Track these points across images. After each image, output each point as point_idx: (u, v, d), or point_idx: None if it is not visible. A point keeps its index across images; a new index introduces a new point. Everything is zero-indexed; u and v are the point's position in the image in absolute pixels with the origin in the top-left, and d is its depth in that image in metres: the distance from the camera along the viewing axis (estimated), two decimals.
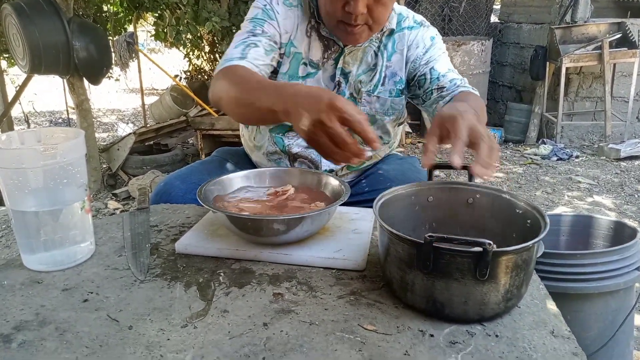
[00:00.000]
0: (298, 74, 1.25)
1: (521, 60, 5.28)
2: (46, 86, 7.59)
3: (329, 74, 1.26)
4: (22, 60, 3.37)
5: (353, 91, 1.26)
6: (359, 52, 1.25)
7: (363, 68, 1.26)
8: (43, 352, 0.66)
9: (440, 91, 1.21)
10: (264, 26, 1.19)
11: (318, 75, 1.25)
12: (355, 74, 1.25)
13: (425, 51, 1.26)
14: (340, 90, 1.25)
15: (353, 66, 1.25)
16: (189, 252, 0.94)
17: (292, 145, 1.28)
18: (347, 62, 1.25)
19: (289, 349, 0.66)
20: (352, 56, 1.25)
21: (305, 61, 1.24)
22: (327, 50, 1.25)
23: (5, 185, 0.82)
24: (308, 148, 1.26)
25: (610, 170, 3.98)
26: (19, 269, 0.89)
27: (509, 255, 0.68)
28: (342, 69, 1.25)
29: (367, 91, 1.25)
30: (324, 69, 1.25)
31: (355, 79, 1.25)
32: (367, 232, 0.99)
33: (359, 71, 1.26)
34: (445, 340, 0.68)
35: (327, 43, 1.24)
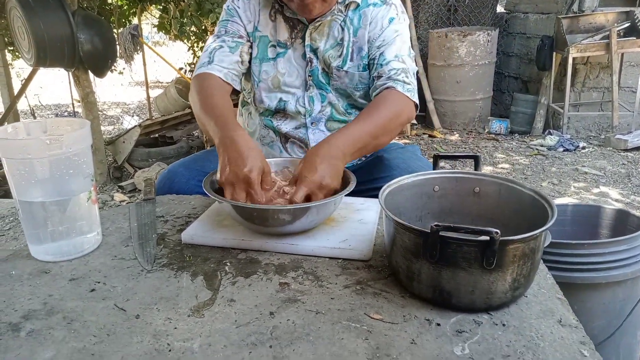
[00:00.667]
0: (268, 56, 1.30)
1: (527, 50, 5.23)
2: (52, 79, 7.60)
3: (299, 53, 1.29)
4: (28, 53, 3.37)
5: (324, 66, 1.29)
6: (324, 26, 1.27)
7: (330, 42, 1.28)
8: (51, 341, 0.67)
9: (377, 79, 1.23)
10: (227, 26, 1.29)
11: (288, 55, 1.29)
12: (323, 49, 1.28)
13: (381, 32, 1.26)
14: (312, 67, 1.28)
15: (320, 42, 1.28)
16: (195, 242, 0.94)
17: (281, 126, 1.32)
18: (314, 38, 1.28)
19: (295, 338, 0.67)
20: (318, 32, 1.28)
21: (274, 43, 1.30)
22: (293, 29, 1.29)
23: (12, 176, 0.83)
24: (296, 128, 1.31)
25: (617, 161, 3.94)
26: (27, 259, 0.89)
27: (516, 244, 0.67)
28: (311, 46, 1.28)
29: (337, 66, 1.28)
30: (294, 48, 1.29)
31: (323, 54, 1.28)
32: (372, 222, 0.99)
33: (327, 46, 1.28)
34: (451, 329, 0.68)
35: (292, 23, 1.29)
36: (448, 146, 4.54)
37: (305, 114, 1.30)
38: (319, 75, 1.29)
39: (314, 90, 1.30)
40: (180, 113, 4.80)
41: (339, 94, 1.31)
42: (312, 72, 1.29)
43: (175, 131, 4.57)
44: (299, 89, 1.30)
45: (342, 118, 1.31)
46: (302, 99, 1.30)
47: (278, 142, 1.34)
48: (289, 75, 1.29)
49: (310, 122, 1.30)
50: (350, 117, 1.30)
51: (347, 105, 1.32)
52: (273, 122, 1.33)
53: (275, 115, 1.33)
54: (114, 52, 3.85)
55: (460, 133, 4.94)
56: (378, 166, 1.30)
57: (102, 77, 3.95)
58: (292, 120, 1.32)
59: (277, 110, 1.32)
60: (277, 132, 1.33)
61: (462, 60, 4.87)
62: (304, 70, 1.29)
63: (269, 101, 1.31)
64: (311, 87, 1.30)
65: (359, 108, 1.32)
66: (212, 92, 1.19)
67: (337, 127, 1.29)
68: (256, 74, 1.31)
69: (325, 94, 1.30)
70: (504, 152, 4.27)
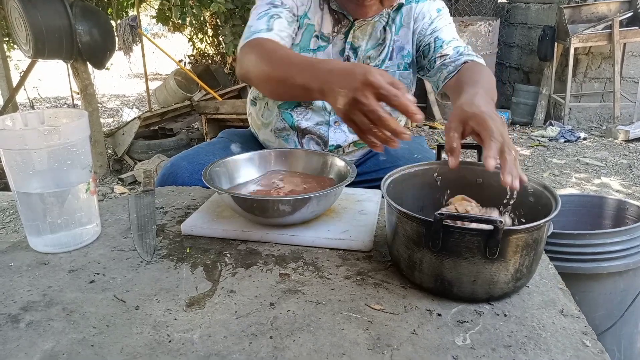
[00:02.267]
0: (309, 47, 1.24)
1: (529, 41, 5.19)
2: (51, 71, 7.57)
3: (338, 49, 1.25)
4: (26, 45, 3.35)
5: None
6: (369, 26, 1.24)
7: (372, 43, 1.25)
8: (50, 332, 0.66)
9: (443, 59, 1.17)
10: None
11: (328, 49, 1.25)
12: (364, 49, 1.24)
13: (431, 22, 1.24)
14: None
15: (362, 41, 1.25)
16: (195, 234, 0.94)
17: (301, 121, 1.28)
18: (356, 37, 1.24)
19: (296, 329, 0.66)
20: (362, 31, 1.24)
21: (317, 34, 1.24)
22: (337, 24, 1.24)
23: (10, 167, 0.82)
24: (317, 124, 1.26)
25: (619, 151, 3.93)
26: (25, 251, 0.89)
27: (519, 234, 0.67)
28: (352, 44, 1.24)
29: (375, 66, 1.24)
30: (334, 43, 1.25)
31: (364, 54, 1.24)
32: (373, 213, 0.98)
33: (368, 46, 1.25)
34: (453, 320, 0.68)
35: (337, 17, 1.24)
36: None
37: (330, 111, 1.26)
38: None
39: None
40: (179, 105, 4.78)
41: None
42: None
43: (175, 123, 4.56)
44: None
45: None
46: None
47: (294, 137, 1.30)
48: None
49: (334, 120, 1.27)
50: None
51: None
52: (293, 116, 1.28)
53: (295, 109, 1.28)
54: (112, 44, 3.82)
55: None
56: (383, 157, 1.29)
57: (100, 68, 3.93)
58: (314, 116, 1.27)
59: (300, 103, 1.27)
60: (295, 128, 1.29)
61: None
62: None
63: None
64: None
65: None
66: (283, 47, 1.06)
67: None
68: None
69: None
70: None
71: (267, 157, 1.11)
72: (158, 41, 7.56)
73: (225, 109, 3.97)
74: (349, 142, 1.26)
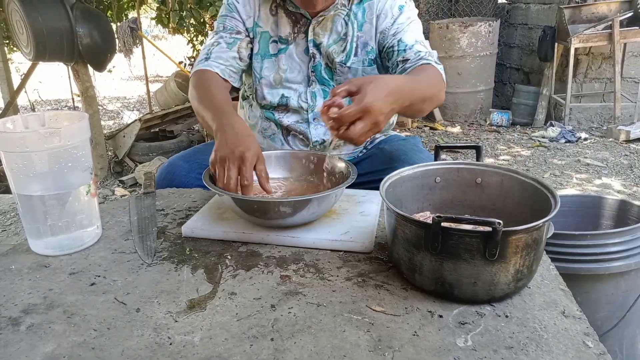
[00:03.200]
0: (269, 52, 1.29)
1: (529, 41, 5.19)
2: (51, 74, 7.58)
3: (302, 48, 1.27)
4: (27, 48, 3.36)
5: (327, 62, 1.27)
6: (328, 21, 1.26)
7: (334, 37, 1.26)
8: (51, 335, 0.66)
9: (404, 63, 1.20)
10: (226, 22, 1.29)
11: (290, 50, 1.28)
12: (326, 44, 1.26)
13: (394, 21, 1.24)
14: (315, 62, 1.27)
15: (324, 37, 1.26)
16: (196, 236, 0.94)
17: (282, 119, 1.31)
18: (317, 34, 1.26)
19: (297, 330, 0.66)
20: (322, 27, 1.26)
21: (275, 38, 1.28)
22: (296, 24, 1.27)
23: (10, 169, 0.82)
24: (298, 122, 1.30)
25: (620, 152, 3.93)
26: (26, 254, 0.89)
27: (519, 234, 0.67)
28: (314, 41, 1.26)
29: (340, 62, 1.26)
30: (296, 44, 1.27)
31: (327, 49, 1.26)
32: (374, 215, 0.98)
33: (330, 41, 1.26)
34: (454, 321, 0.68)
35: (295, 18, 1.27)
36: (449, 138, 4.53)
37: (307, 109, 1.29)
38: (322, 70, 1.28)
39: (316, 85, 1.29)
40: (180, 107, 4.79)
41: None
42: (315, 67, 1.27)
43: (176, 125, 4.56)
44: (300, 84, 1.28)
45: None
46: (304, 94, 1.29)
47: (279, 135, 1.33)
48: (291, 72, 1.28)
49: (312, 117, 1.29)
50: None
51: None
52: (275, 114, 1.32)
53: (276, 109, 1.32)
54: (113, 46, 3.83)
55: (462, 125, 4.92)
56: (379, 158, 1.29)
57: (101, 71, 3.93)
58: (294, 114, 1.31)
59: (279, 105, 1.31)
60: (278, 125, 1.32)
61: (463, 52, 4.84)
62: (307, 66, 1.28)
63: (270, 97, 1.30)
64: (314, 82, 1.28)
65: None
66: (209, 86, 1.19)
67: None
68: (257, 71, 1.30)
69: (327, 90, 1.28)
70: (506, 144, 4.26)
71: (268, 159, 1.11)
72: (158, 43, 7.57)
73: None
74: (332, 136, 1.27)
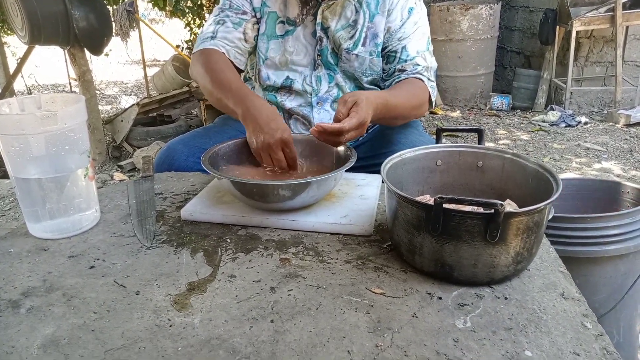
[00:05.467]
0: (276, 33, 1.26)
1: (530, 24, 5.13)
2: (48, 58, 7.51)
3: (309, 31, 1.25)
4: (22, 31, 3.31)
5: (334, 46, 1.26)
6: (337, 6, 1.24)
7: (342, 23, 1.25)
8: (51, 317, 0.66)
9: (400, 72, 1.25)
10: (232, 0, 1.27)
11: (297, 32, 1.26)
12: (334, 29, 1.24)
13: (402, 24, 1.24)
14: (322, 46, 1.25)
15: (332, 21, 1.24)
16: (195, 219, 0.94)
17: (285, 101, 1.30)
18: (325, 17, 1.24)
19: (296, 312, 0.66)
20: (331, 11, 1.24)
21: (282, 19, 1.26)
22: (305, 6, 1.25)
23: (7, 152, 0.81)
24: (301, 106, 1.28)
25: (620, 136, 3.91)
26: (25, 237, 0.88)
27: (520, 217, 0.66)
28: (322, 24, 1.25)
29: (347, 48, 1.25)
30: (304, 26, 1.25)
31: (334, 34, 1.24)
32: (373, 198, 0.98)
33: (338, 26, 1.24)
34: (453, 303, 0.68)
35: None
36: (449, 123, 4.51)
37: (311, 92, 1.27)
38: (328, 55, 1.26)
39: (322, 70, 1.27)
40: (178, 91, 4.75)
41: (346, 76, 1.28)
42: (321, 51, 1.25)
43: (174, 110, 4.53)
44: (306, 67, 1.27)
45: None
46: (309, 77, 1.27)
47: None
48: (297, 54, 1.26)
49: (316, 101, 1.28)
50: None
51: (355, 88, 1.29)
52: (277, 97, 1.30)
53: (279, 91, 1.30)
54: (109, 30, 3.78)
55: (462, 109, 4.90)
56: (380, 141, 1.28)
57: (98, 54, 3.89)
58: (297, 98, 1.29)
59: (282, 87, 1.29)
60: (280, 108, 1.30)
61: (464, 35, 4.79)
62: (314, 49, 1.26)
63: (275, 78, 1.28)
64: (320, 66, 1.27)
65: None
66: (222, 68, 1.17)
67: None
68: (262, 51, 1.28)
69: (333, 75, 1.27)
70: (506, 129, 4.24)
71: None
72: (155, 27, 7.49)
73: None
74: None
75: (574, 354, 0.59)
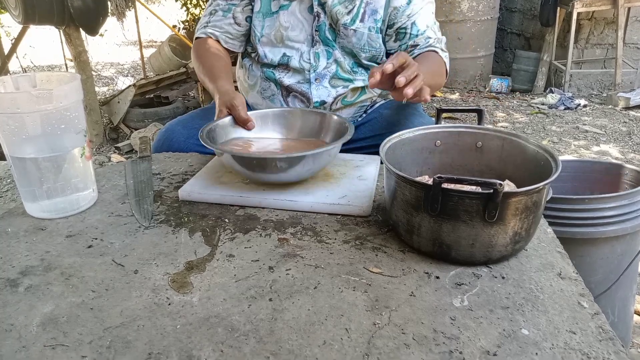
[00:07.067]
0: (271, 10, 1.26)
1: (531, 5, 5.08)
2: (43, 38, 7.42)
3: (306, 6, 1.24)
4: (15, 10, 3.26)
5: (332, 22, 1.24)
6: None
7: None
8: (50, 296, 0.66)
9: (413, 48, 1.25)
10: None
11: (292, 7, 1.24)
12: (331, 4, 1.22)
13: (409, 1, 1.22)
14: (319, 21, 1.24)
15: None
16: (193, 199, 0.93)
17: (283, 78, 1.28)
18: None
19: (295, 291, 0.66)
20: None
21: None
22: None
23: (2, 131, 0.80)
24: (299, 83, 1.28)
25: (619, 119, 3.91)
26: (22, 217, 0.88)
27: (519, 196, 0.66)
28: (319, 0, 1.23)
29: (344, 24, 1.22)
30: (300, 1, 1.24)
31: (331, 8, 1.22)
32: (372, 179, 0.98)
33: (335, 1, 1.22)
34: (451, 282, 0.68)
35: None
36: (448, 105, 4.48)
37: (310, 69, 1.25)
38: (325, 31, 1.24)
39: (320, 46, 1.25)
40: (175, 72, 4.70)
41: (345, 52, 1.26)
42: (319, 27, 1.23)
43: (171, 91, 4.49)
44: (303, 44, 1.25)
45: (347, 76, 1.26)
46: (306, 54, 1.25)
47: (279, 96, 1.30)
48: (293, 30, 1.24)
49: (315, 77, 1.26)
50: (356, 76, 1.26)
51: (353, 64, 1.27)
52: (275, 74, 1.29)
53: (277, 68, 1.29)
54: (105, 9, 3.72)
55: (461, 92, 4.87)
56: (380, 122, 1.27)
57: (94, 35, 3.84)
58: (295, 75, 1.27)
59: (280, 64, 1.28)
60: (278, 85, 1.29)
61: (464, 16, 4.74)
62: (311, 25, 1.24)
63: (272, 56, 1.27)
64: (318, 42, 1.24)
65: (365, 67, 1.28)
66: (208, 55, 1.26)
67: (342, 84, 1.25)
68: (258, 30, 1.26)
69: (331, 51, 1.25)
70: (505, 111, 4.23)
71: (265, 117, 1.11)
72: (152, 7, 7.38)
73: None
74: (333, 97, 1.26)
75: (570, 332, 0.59)
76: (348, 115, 1.31)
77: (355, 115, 1.33)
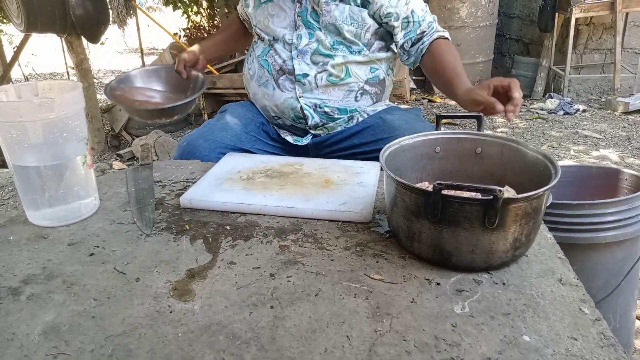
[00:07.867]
0: (260, 1, 1.36)
1: (529, 11, 5.10)
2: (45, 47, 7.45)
3: None
4: (17, 19, 3.28)
5: (314, 4, 1.28)
6: None
7: None
8: (51, 304, 0.67)
9: (422, 35, 1.32)
10: None
11: None
12: None
13: None
14: (302, 8, 1.29)
15: None
16: (194, 207, 0.94)
17: (274, 62, 1.35)
18: None
19: (296, 298, 0.67)
20: None
21: None
22: None
23: (4, 139, 0.81)
24: (285, 61, 1.33)
25: (618, 123, 3.91)
26: (24, 225, 0.88)
27: (519, 203, 0.66)
28: None
29: (326, 1, 1.26)
30: None
31: None
32: (372, 185, 0.98)
33: None
34: (452, 289, 0.68)
35: None
36: (448, 110, 4.49)
37: (291, 48, 1.31)
38: (307, 15, 1.29)
39: (302, 29, 1.30)
40: None
41: (327, 30, 1.29)
42: (301, 13, 1.29)
43: None
44: (286, 29, 1.31)
45: (327, 52, 1.29)
46: (289, 35, 1.31)
47: (272, 81, 1.35)
48: (277, 17, 1.32)
49: (297, 54, 1.30)
50: (336, 52, 1.29)
51: (335, 42, 1.30)
52: (268, 60, 1.36)
53: (268, 54, 1.36)
54: (106, 17, 3.75)
55: None
56: (380, 127, 1.28)
57: (95, 42, 3.86)
58: (281, 54, 1.33)
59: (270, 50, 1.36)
60: (270, 72, 1.36)
61: (463, 22, 4.76)
62: (293, 12, 1.30)
63: (261, 43, 1.38)
64: (300, 26, 1.30)
65: (346, 45, 1.30)
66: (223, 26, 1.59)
67: (322, 60, 1.29)
68: (253, 18, 1.39)
69: (313, 32, 1.29)
70: (504, 116, 4.23)
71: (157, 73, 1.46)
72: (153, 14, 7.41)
73: (222, 84, 3.92)
74: (316, 71, 1.30)
75: (572, 338, 0.59)
76: (338, 99, 1.31)
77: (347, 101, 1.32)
